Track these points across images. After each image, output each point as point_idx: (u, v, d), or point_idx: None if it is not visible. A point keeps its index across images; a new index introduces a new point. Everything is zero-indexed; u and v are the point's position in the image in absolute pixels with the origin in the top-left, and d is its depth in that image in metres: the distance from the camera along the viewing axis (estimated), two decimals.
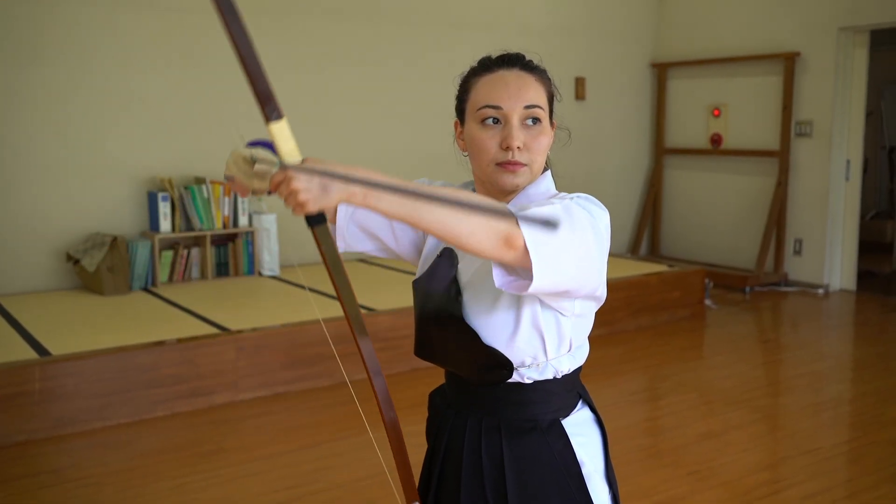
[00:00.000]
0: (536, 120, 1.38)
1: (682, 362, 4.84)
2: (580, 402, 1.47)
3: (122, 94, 5.18)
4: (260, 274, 5.51)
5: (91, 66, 5.06)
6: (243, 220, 5.44)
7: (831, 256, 6.60)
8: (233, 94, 5.57)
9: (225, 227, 5.38)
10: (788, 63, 6.60)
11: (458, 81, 1.48)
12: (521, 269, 1.19)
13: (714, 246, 7.28)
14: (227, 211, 5.37)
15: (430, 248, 1.53)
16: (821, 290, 6.54)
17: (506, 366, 1.36)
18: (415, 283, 1.51)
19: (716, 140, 7.21)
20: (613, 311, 5.35)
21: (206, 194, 5.27)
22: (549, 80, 1.45)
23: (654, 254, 7.65)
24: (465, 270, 1.42)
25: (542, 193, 1.41)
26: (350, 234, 1.51)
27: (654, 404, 4.27)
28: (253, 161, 1.29)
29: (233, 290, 5.13)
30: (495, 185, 1.40)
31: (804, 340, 5.42)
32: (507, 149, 1.36)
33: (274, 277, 5.47)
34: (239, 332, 4.11)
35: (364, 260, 6.04)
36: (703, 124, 7.33)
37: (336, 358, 4.29)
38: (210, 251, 5.32)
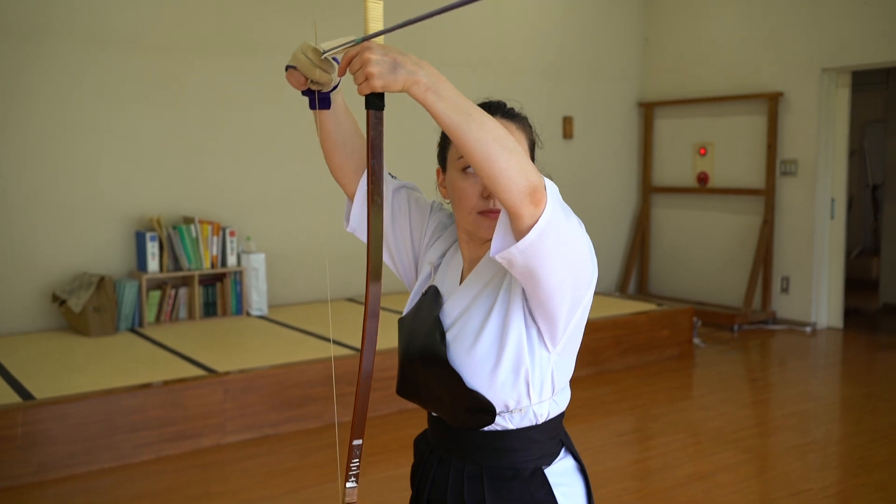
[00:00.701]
0: None
1: (670, 402, 4.84)
2: (563, 451, 1.46)
3: (112, 132, 5.20)
4: (248, 314, 5.49)
5: (81, 104, 5.08)
6: (232, 260, 5.44)
7: (818, 294, 6.64)
8: (222, 133, 5.60)
9: (213, 266, 5.37)
10: (772, 103, 6.69)
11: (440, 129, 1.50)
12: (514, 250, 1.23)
13: (702, 284, 7.31)
14: (215, 250, 5.37)
15: (420, 285, 1.54)
16: (808, 328, 6.57)
17: (488, 410, 1.36)
18: (400, 321, 1.52)
19: (702, 178, 7.27)
20: (601, 350, 5.35)
21: (194, 234, 5.27)
22: (531, 127, 1.47)
23: (642, 292, 7.68)
24: (450, 311, 1.43)
25: None
26: (358, 216, 1.52)
27: (642, 445, 4.25)
28: (322, 52, 1.33)
29: (220, 330, 5.11)
30: (476, 232, 1.42)
31: (792, 379, 5.43)
32: (488, 197, 1.38)
33: (262, 317, 5.45)
34: (226, 373, 4.08)
35: (352, 299, 6.03)
36: (689, 163, 7.40)
37: (326, 399, 4.27)
38: (198, 291, 5.31)
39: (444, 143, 1.48)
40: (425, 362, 1.41)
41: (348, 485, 1.35)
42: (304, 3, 5.80)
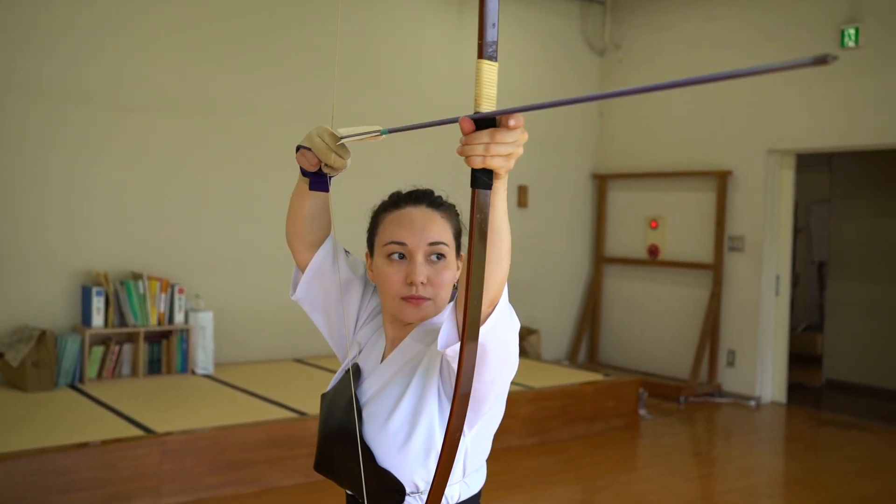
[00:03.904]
0: (441, 256, 1.44)
1: (615, 474, 4.84)
2: None
3: (65, 187, 5.17)
4: (193, 372, 5.42)
5: (31, 157, 5.05)
6: (179, 317, 5.38)
7: (762, 369, 6.75)
8: (175, 190, 5.59)
9: (160, 323, 5.31)
10: (721, 180, 6.88)
11: (369, 214, 1.54)
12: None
13: (651, 355, 7.39)
14: (162, 307, 5.31)
15: (346, 363, 1.55)
16: (753, 402, 6.65)
17: (397, 489, 1.37)
18: (322, 396, 1.53)
19: (653, 251, 7.41)
20: (548, 419, 5.35)
21: (142, 290, 5.21)
22: (457, 215, 1.52)
23: (592, 361, 7.72)
24: (368, 389, 1.46)
25: None
26: (305, 288, 1.54)
27: None
28: (339, 138, 1.33)
29: (163, 388, 5.03)
30: (399, 316, 1.45)
31: (735, 454, 5.47)
32: (411, 284, 1.41)
33: (207, 376, 5.38)
34: (165, 434, 4.00)
35: (301, 360, 5.99)
36: (641, 235, 7.54)
37: (266, 463, 4.21)
38: (143, 348, 5.23)
39: (372, 229, 1.52)
40: (341, 439, 1.42)
41: None
42: (263, 65, 5.88)
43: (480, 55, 1.05)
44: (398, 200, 1.50)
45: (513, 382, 1.33)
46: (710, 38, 7.02)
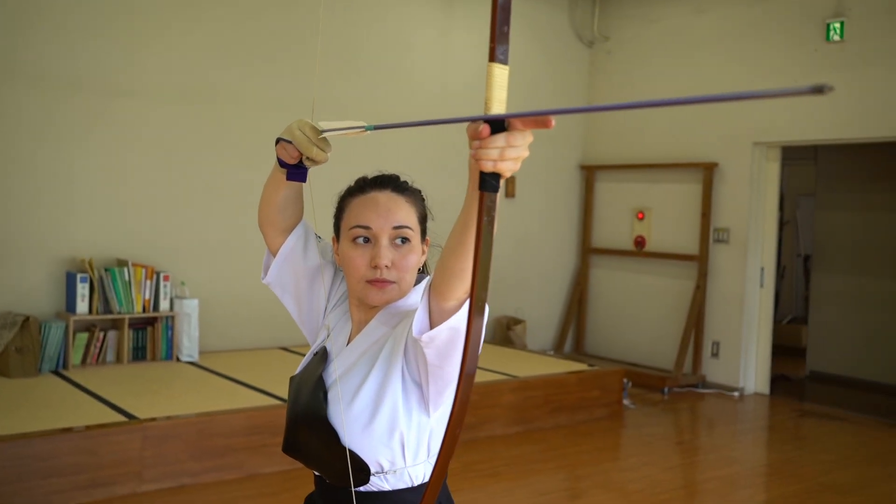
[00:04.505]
0: (405, 239, 1.46)
1: (596, 463, 4.88)
2: None
3: (50, 173, 5.15)
4: (178, 359, 5.42)
5: (17, 143, 5.03)
6: (164, 305, 5.38)
7: (746, 360, 6.79)
8: (160, 178, 5.59)
9: (145, 310, 5.31)
10: (708, 172, 6.91)
11: (335, 200, 1.55)
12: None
13: (636, 345, 7.43)
14: (147, 294, 5.31)
15: (315, 346, 1.57)
16: (736, 393, 6.70)
17: (362, 469, 1.39)
18: (291, 379, 1.55)
19: (639, 242, 7.44)
20: (531, 408, 5.38)
21: (127, 277, 5.21)
22: (423, 200, 1.53)
23: (578, 351, 7.76)
24: (334, 371, 1.47)
25: (410, 306, 1.47)
26: (276, 272, 1.57)
27: None
28: (321, 131, 1.33)
29: (147, 375, 5.03)
30: (364, 299, 1.46)
31: (717, 444, 5.51)
32: (376, 267, 1.43)
33: (192, 363, 5.39)
34: (148, 420, 4.01)
35: (286, 348, 6.00)
36: (627, 226, 7.57)
37: (248, 450, 4.22)
38: (127, 334, 5.23)
39: (339, 213, 1.53)
40: (307, 420, 1.44)
41: None
42: (249, 54, 5.86)
43: (492, 58, 1.04)
44: (364, 185, 1.51)
45: (497, 371, 1.35)
46: (697, 30, 7.04)
